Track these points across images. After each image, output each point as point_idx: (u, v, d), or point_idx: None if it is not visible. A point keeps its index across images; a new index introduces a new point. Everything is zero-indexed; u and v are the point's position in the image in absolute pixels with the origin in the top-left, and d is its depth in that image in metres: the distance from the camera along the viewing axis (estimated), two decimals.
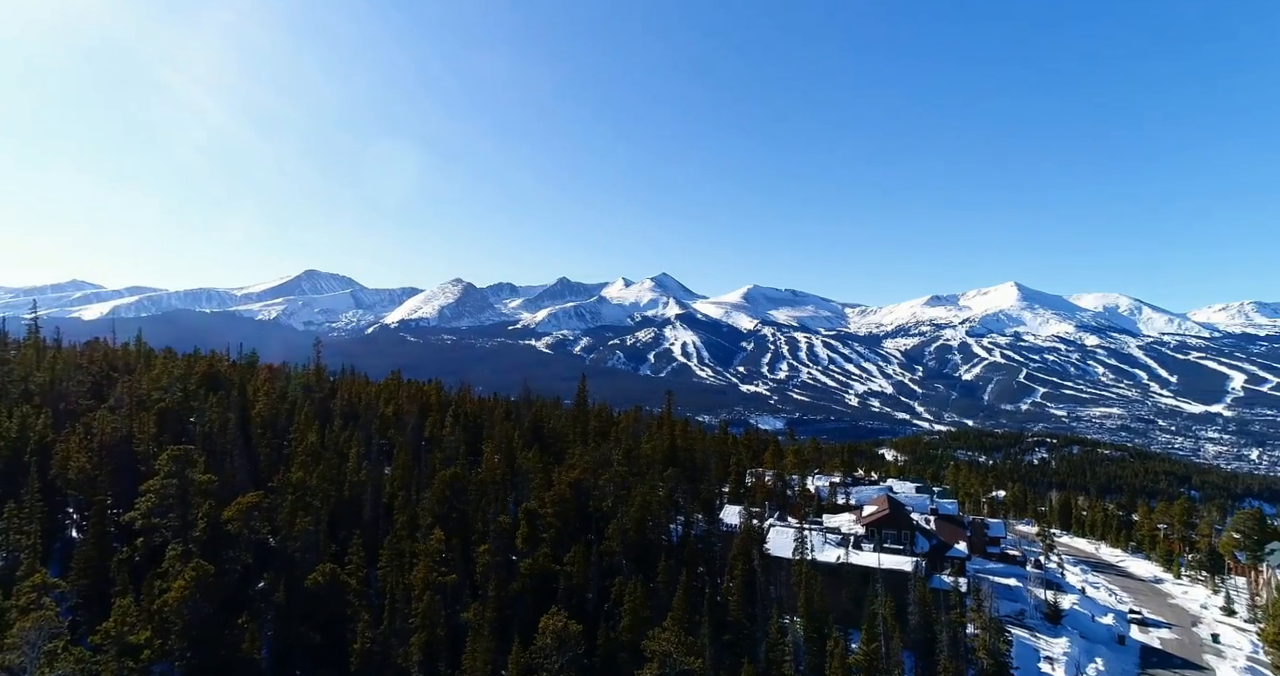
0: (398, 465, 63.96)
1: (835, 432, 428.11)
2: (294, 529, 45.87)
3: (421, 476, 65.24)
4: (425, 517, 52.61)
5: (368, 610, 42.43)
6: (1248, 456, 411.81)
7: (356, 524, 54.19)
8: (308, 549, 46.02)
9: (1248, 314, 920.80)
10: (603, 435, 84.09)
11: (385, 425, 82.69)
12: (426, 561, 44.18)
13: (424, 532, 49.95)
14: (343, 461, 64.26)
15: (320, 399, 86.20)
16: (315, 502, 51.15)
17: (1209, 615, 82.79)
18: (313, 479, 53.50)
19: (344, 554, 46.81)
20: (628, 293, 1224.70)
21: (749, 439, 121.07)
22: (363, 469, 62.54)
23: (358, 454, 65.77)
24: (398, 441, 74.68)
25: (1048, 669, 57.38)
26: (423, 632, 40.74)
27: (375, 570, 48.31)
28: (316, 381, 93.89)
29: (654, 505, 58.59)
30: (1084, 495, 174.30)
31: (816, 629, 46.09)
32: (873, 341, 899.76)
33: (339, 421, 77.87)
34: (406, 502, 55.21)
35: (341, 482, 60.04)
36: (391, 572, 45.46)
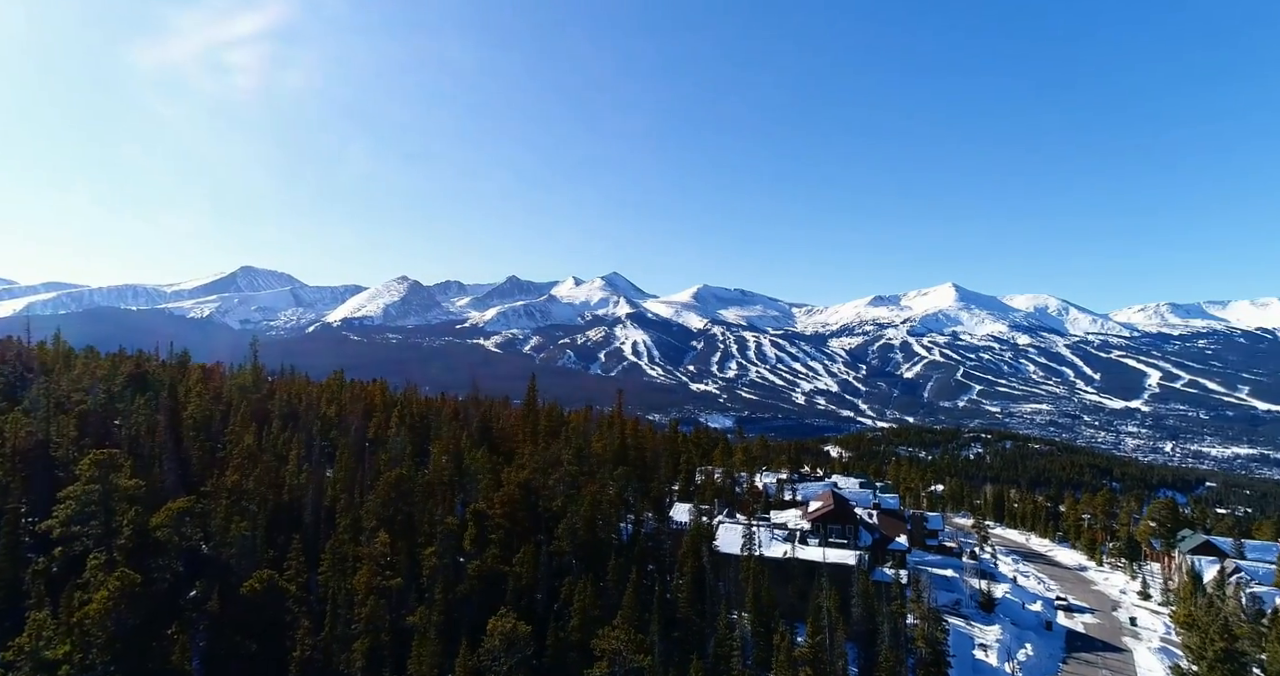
0: (340, 467, 62.14)
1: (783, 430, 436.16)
2: (229, 534, 44.06)
3: (365, 478, 63.56)
4: (369, 520, 51.28)
5: (308, 616, 41.09)
6: (1162, 449, 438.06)
7: (296, 528, 52.41)
8: (244, 555, 44.27)
9: (1163, 314, 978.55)
10: (553, 435, 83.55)
11: (327, 426, 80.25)
12: (370, 565, 43.08)
13: (368, 536, 48.69)
14: (282, 464, 62.04)
15: (258, 400, 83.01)
16: (252, 507, 49.26)
17: (1128, 600, 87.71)
18: (249, 482, 51.50)
19: (283, 559, 45.21)
20: (578, 291, 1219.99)
21: (699, 437, 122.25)
22: (303, 471, 60.53)
23: (298, 456, 63.63)
24: (340, 443, 72.56)
25: (982, 656, 59.80)
26: (366, 638, 39.71)
27: (316, 575, 46.83)
28: (254, 382, 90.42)
29: (604, 504, 58.55)
30: (1016, 488, 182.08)
31: (764, 623, 46.88)
32: (819, 341, 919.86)
33: (278, 423, 75.16)
34: (350, 505, 53.69)
35: (280, 486, 57.97)
36: (334, 577, 44.15)
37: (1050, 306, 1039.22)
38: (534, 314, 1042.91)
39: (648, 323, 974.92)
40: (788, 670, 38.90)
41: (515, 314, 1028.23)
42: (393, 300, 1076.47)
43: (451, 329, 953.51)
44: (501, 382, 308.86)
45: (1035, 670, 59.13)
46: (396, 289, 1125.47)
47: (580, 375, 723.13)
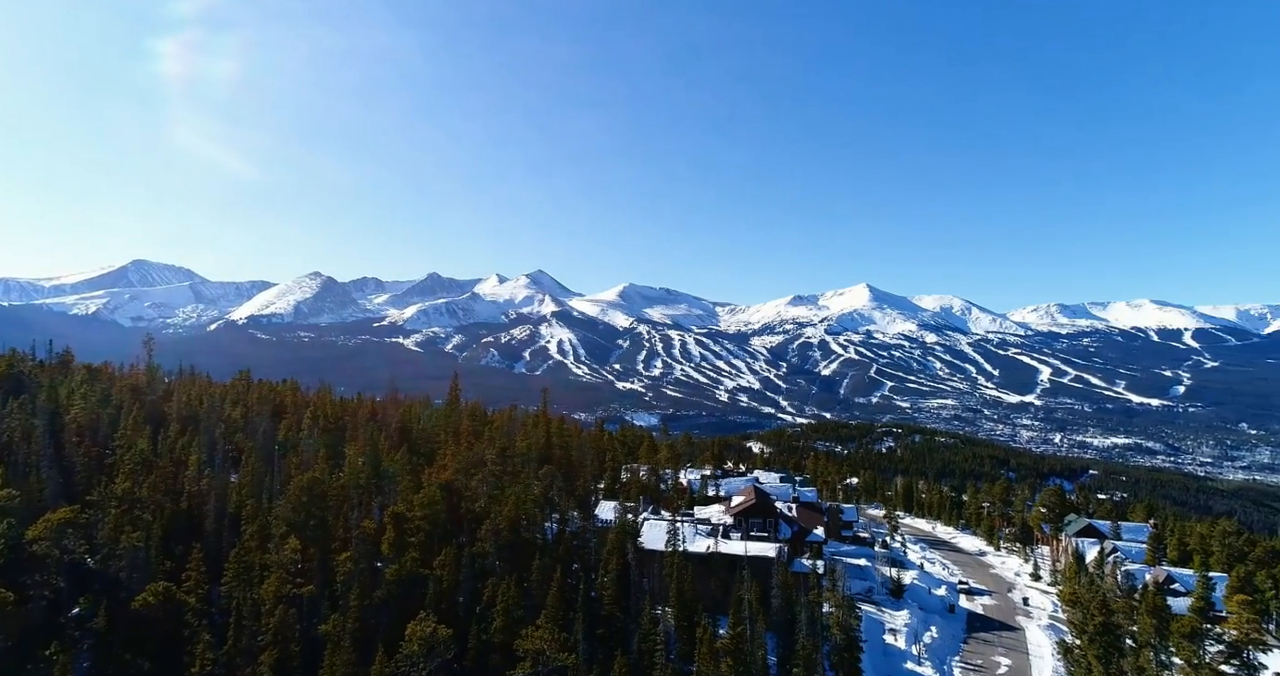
0: (246, 472, 58.83)
1: (707, 427, 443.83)
2: (119, 546, 40.91)
3: (275, 483, 60.43)
4: (279, 526, 48.76)
5: (209, 630, 38.70)
6: (1052, 440, 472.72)
7: (197, 537, 49.24)
8: (136, 567, 41.23)
9: (1053, 315, 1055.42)
10: (476, 435, 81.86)
11: (232, 429, 75.77)
12: (279, 573, 40.98)
13: (277, 542, 46.30)
14: (180, 469, 58.19)
15: (153, 402, 77.52)
16: (145, 516, 45.94)
17: (1021, 581, 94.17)
18: (143, 490, 48.00)
19: (181, 570, 42.38)
20: (502, 290, 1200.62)
21: (624, 435, 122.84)
22: (205, 477, 56.94)
23: (199, 461, 59.82)
24: (247, 447, 68.64)
25: (891, 640, 62.83)
26: (274, 649, 37.76)
27: (218, 586, 44.16)
28: (148, 382, 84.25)
29: (528, 503, 57.92)
30: (924, 479, 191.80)
31: (687, 617, 47.60)
32: (741, 339, 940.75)
33: (176, 426, 70.42)
34: (257, 511, 50.88)
35: (178, 493, 54.33)
36: (238, 587, 41.74)
37: (955, 306, 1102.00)
38: (456, 312, 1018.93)
39: (573, 321, 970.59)
40: (710, 662, 39.64)
41: (436, 312, 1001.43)
42: (305, 297, 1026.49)
43: (368, 327, 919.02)
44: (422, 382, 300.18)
45: (939, 651, 62.62)
46: (309, 285, 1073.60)
47: (505, 374, 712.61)
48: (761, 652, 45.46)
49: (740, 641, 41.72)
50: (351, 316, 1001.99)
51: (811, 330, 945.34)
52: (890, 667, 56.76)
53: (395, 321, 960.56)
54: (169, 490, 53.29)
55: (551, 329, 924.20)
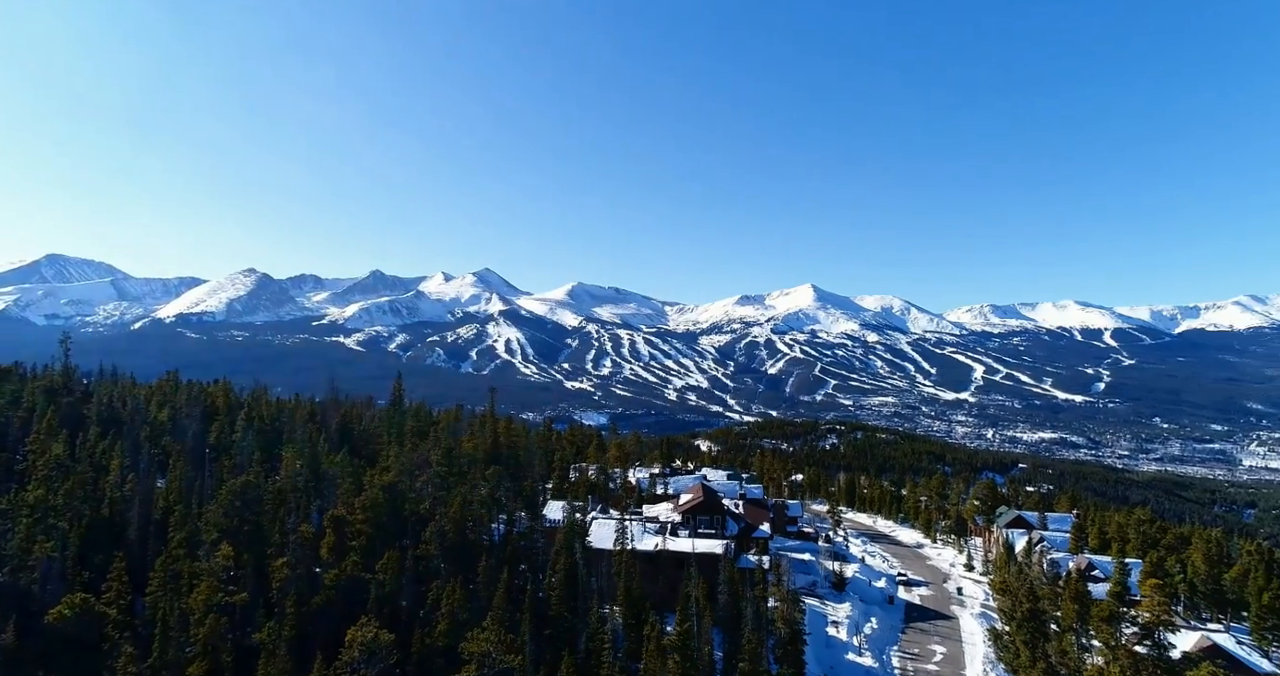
0: (175, 476, 56.09)
1: (655, 426, 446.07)
2: (30, 557, 38.41)
3: (206, 488, 57.83)
4: (209, 533, 46.68)
5: (132, 643, 36.71)
6: (985, 436, 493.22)
7: (119, 546, 46.67)
8: (50, 579, 38.80)
9: (986, 315, 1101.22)
10: (421, 435, 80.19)
11: (159, 432, 72.18)
12: (210, 581, 39.21)
13: (208, 549, 44.31)
14: (101, 475, 55.07)
15: (69, 404, 73.11)
16: (61, 524, 43.25)
17: (956, 572, 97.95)
18: (58, 497, 45.18)
19: (101, 581, 40.10)
20: (448, 288, 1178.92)
21: (573, 434, 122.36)
22: (127, 482, 54.04)
23: (121, 466, 56.73)
24: (175, 450, 65.48)
25: (834, 632, 64.45)
26: (204, 660, 36.12)
27: (143, 597, 41.97)
28: (64, 384, 79.42)
29: (475, 504, 57.07)
30: (865, 475, 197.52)
31: (635, 615, 47.73)
32: (690, 338, 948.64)
33: (96, 430, 66.60)
34: (186, 517, 48.56)
35: (99, 500, 51.41)
36: (164, 597, 39.75)
37: (895, 306, 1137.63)
38: (400, 310, 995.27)
39: (522, 320, 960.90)
40: (657, 659, 39.85)
41: (379, 310, 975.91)
42: (239, 294, 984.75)
43: (307, 326, 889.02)
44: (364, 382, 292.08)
45: (879, 641, 64.58)
46: (243, 282, 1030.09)
47: (451, 374, 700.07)
48: (708, 648, 45.96)
49: (687, 638, 42.07)
50: (289, 315, 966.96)
51: (758, 329, 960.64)
52: (832, 659, 58.19)
53: (336, 320, 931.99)
54: (88, 497, 50.34)
55: (499, 328, 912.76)
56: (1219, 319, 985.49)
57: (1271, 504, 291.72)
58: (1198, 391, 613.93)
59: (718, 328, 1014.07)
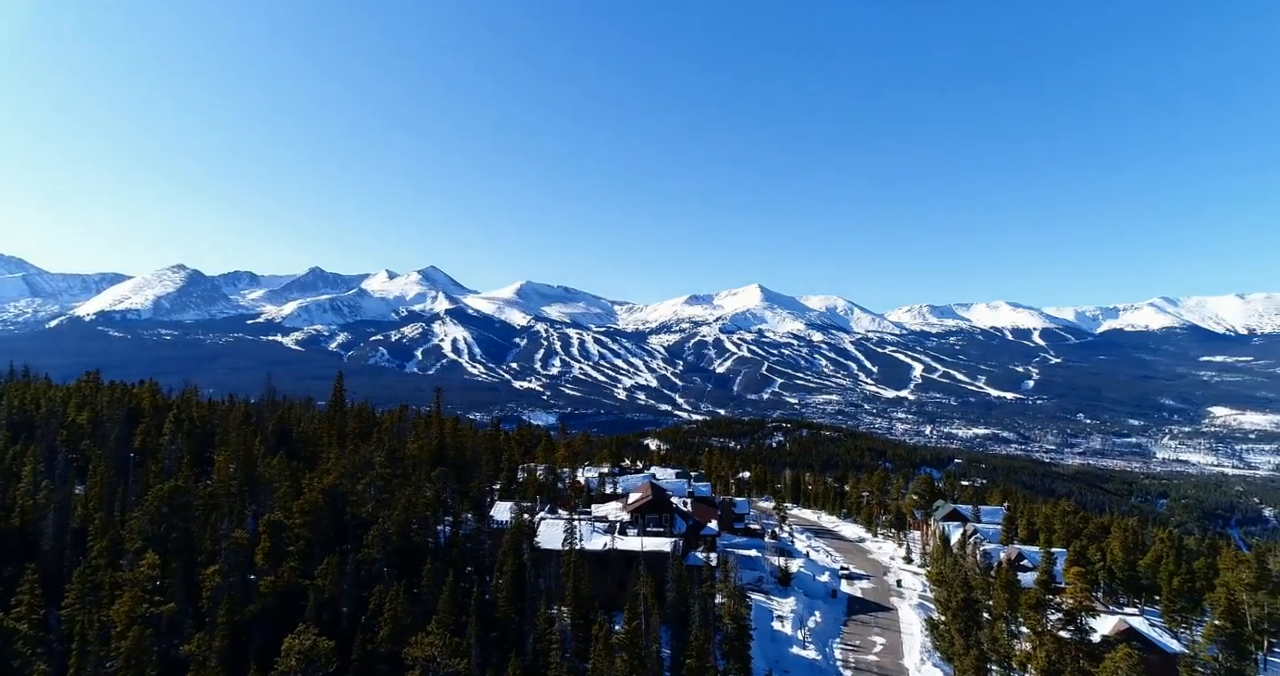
0: (95, 482, 53.06)
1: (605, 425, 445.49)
2: None
3: (130, 494, 54.91)
4: (133, 541, 44.35)
5: (46, 659, 34.60)
6: (924, 432, 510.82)
7: (31, 556, 43.87)
8: None
9: (925, 315, 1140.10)
10: (363, 437, 77.96)
11: (77, 436, 68.17)
12: (134, 591, 37.23)
13: (131, 558, 42.07)
14: (11, 482, 51.66)
15: None
16: None
17: (895, 564, 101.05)
18: None
19: (10, 594, 37.62)
20: (392, 285, 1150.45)
21: (521, 434, 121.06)
22: (42, 489, 50.84)
23: (34, 471, 53.33)
24: (95, 455, 61.96)
25: (779, 626, 65.67)
26: (127, 674, 34.27)
27: (58, 610, 39.57)
28: None
29: (420, 506, 55.85)
30: (810, 471, 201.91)
31: (583, 615, 47.60)
32: (639, 337, 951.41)
33: (5, 434, 62.43)
34: (108, 525, 46.02)
35: (9, 508, 48.20)
36: (83, 610, 37.58)
37: (839, 307, 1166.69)
38: (341, 309, 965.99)
39: (468, 319, 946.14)
40: (605, 658, 39.83)
41: (319, 308, 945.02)
42: (167, 291, 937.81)
43: (242, 324, 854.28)
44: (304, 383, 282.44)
45: (822, 634, 66.14)
46: (171, 278, 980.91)
47: (395, 374, 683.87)
48: (656, 646, 46.20)
49: (635, 636, 42.18)
50: (222, 313, 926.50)
51: (707, 329, 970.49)
52: (777, 653, 59.28)
53: (273, 318, 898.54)
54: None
55: (445, 327, 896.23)
56: (1136, 320, 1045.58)
57: (1181, 494, 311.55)
58: (1117, 388, 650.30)
59: (667, 327, 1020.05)
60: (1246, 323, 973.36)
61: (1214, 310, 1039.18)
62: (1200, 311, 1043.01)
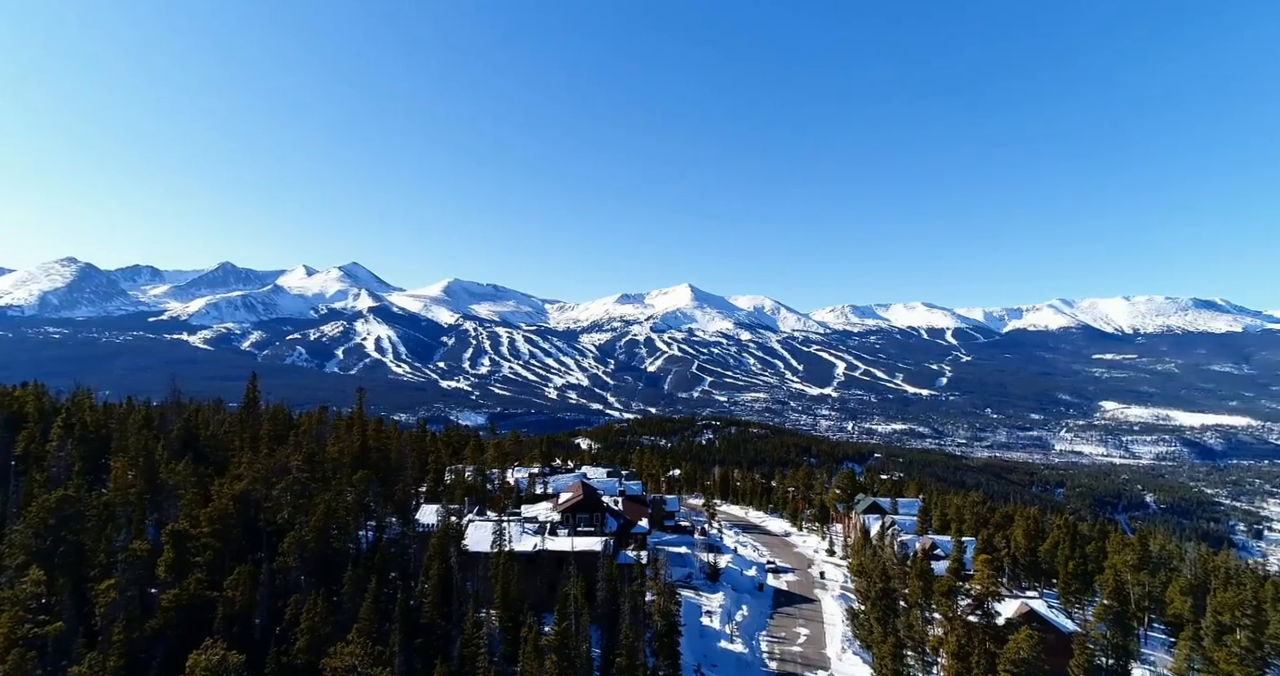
0: None
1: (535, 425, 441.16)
2: None
3: (11, 506, 50.35)
4: (14, 556, 40.68)
5: None
6: (846, 428, 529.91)
7: None
8: None
9: (847, 315, 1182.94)
10: (279, 440, 74.17)
11: None
12: (14, 610, 34.16)
13: (12, 575, 38.60)
14: None
15: None
16: None
17: (819, 557, 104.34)
18: None
19: None
20: (311, 282, 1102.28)
21: (449, 435, 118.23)
22: None
23: None
24: None
25: (708, 621, 66.69)
26: None
27: None
28: None
29: (340, 511, 53.65)
30: (739, 468, 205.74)
31: (512, 617, 46.93)
32: (570, 336, 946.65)
33: None
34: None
35: None
36: None
37: (766, 306, 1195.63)
38: (255, 306, 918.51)
39: (393, 317, 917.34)
40: (534, 660, 39.40)
41: (231, 306, 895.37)
42: (56, 286, 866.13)
43: (142, 322, 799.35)
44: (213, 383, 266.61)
45: (749, 627, 67.61)
46: (61, 272, 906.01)
47: (314, 374, 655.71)
48: (586, 646, 46.03)
49: (565, 636, 41.90)
50: (119, 309, 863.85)
51: (638, 328, 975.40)
52: (706, 648, 60.19)
53: (178, 315, 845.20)
54: None
55: (368, 325, 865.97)
56: (1037, 320, 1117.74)
57: (1076, 483, 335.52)
58: (1020, 385, 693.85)
59: (598, 326, 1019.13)
60: (1132, 323, 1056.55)
61: (1104, 311, 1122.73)
62: (1093, 312, 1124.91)
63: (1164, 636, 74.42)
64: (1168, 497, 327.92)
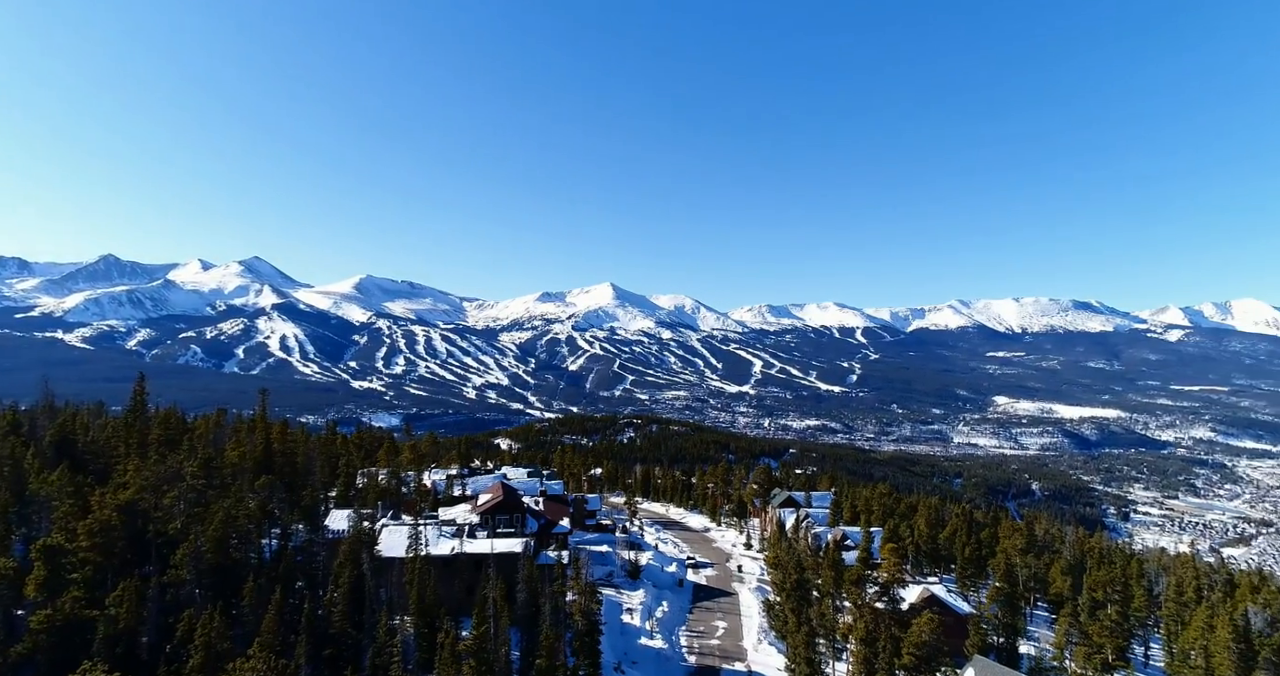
0: None
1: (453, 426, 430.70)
2: None
3: None
4: None
5: None
6: (763, 425, 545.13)
7: None
8: None
9: (764, 314, 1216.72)
10: (171, 445, 69.05)
11: None
12: None
13: None
14: None
15: None
16: None
17: (737, 551, 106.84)
18: None
19: None
20: (207, 277, 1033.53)
21: (361, 438, 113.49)
22: None
23: None
24: None
25: (628, 619, 67.04)
26: None
27: None
28: None
29: (241, 519, 50.53)
30: (660, 466, 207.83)
31: (428, 623, 45.59)
32: (490, 335, 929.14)
33: None
34: None
35: None
36: None
37: (687, 305, 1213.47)
38: (142, 302, 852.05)
39: (300, 315, 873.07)
40: (451, 665, 38.44)
41: (114, 301, 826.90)
42: None
43: (9, 318, 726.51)
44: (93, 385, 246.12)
45: (669, 623, 68.44)
46: None
47: (212, 375, 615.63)
48: (505, 649, 45.31)
49: (483, 640, 41.09)
50: None
51: (560, 326, 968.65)
52: (626, 645, 60.50)
53: (51, 311, 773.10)
54: None
55: (272, 323, 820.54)
56: (938, 319, 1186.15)
57: (972, 474, 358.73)
58: (923, 381, 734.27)
59: (519, 324, 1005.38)
60: (1021, 323, 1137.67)
61: (997, 312, 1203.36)
62: (987, 312, 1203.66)
63: (1047, 614, 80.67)
64: (1051, 485, 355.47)
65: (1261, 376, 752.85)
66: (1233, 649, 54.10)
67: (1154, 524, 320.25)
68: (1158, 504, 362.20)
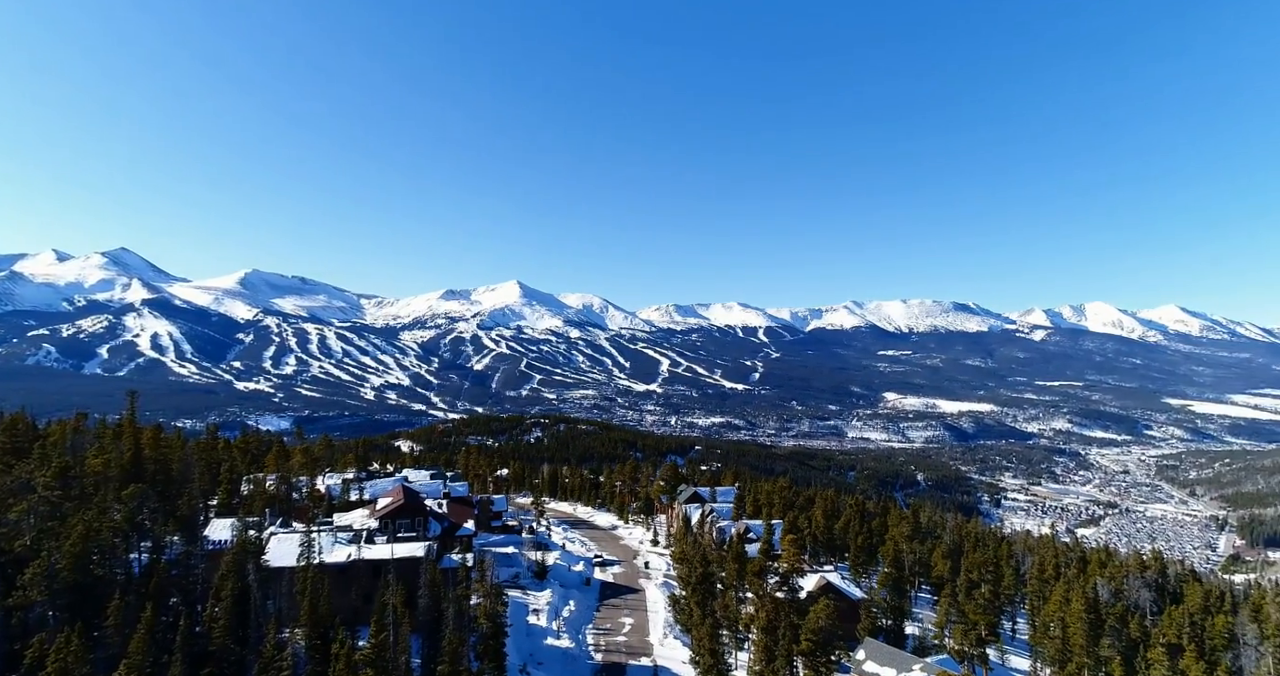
0: None
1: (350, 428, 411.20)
2: None
3: None
4: None
5: None
6: (670, 422, 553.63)
7: None
8: None
9: (671, 314, 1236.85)
10: (20, 453, 61.94)
11: None
12: None
13: None
14: None
15: None
16: None
17: (644, 548, 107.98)
18: None
19: None
20: (63, 269, 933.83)
21: (247, 442, 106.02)
22: None
23: None
24: None
25: (535, 619, 66.34)
26: None
27: None
28: None
29: (104, 533, 46.04)
30: (568, 465, 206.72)
31: (321, 634, 43.27)
32: (390, 333, 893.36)
33: None
34: None
35: None
36: None
37: (595, 304, 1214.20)
38: None
39: (175, 311, 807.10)
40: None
41: None
42: None
43: None
44: None
45: (576, 622, 68.27)
46: None
47: (69, 376, 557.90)
48: (405, 657, 43.71)
49: (382, 649, 39.46)
50: None
51: (464, 325, 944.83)
52: (532, 646, 59.84)
53: None
54: None
55: (142, 320, 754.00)
56: (834, 320, 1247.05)
57: (864, 466, 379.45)
58: (820, 378, 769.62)
59: (421, 323, 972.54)
60: (908, 323, 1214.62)
61: (887, 313, 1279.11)
62: (878, 313, 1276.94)
63: (930, 596, 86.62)
64: (934, 475, 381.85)
65: (1109, 372, 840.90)
66: (1084, 619, 60.12)
67: (1021, 509, 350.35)
68: (1024, 490, 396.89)
